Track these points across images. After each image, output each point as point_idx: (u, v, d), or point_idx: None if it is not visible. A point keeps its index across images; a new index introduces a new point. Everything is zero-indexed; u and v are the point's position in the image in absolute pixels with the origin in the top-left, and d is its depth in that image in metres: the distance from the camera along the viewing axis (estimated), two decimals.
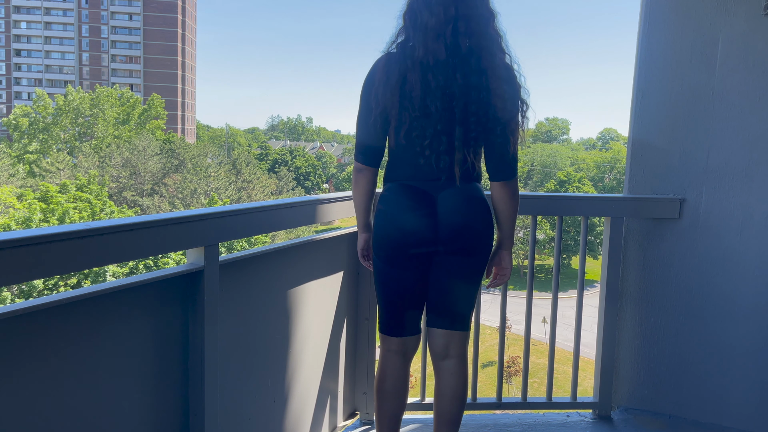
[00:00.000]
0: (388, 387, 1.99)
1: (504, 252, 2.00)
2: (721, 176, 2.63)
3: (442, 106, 1.76)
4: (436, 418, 2.02)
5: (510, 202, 1.90)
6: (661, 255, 2.73)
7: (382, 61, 1.82)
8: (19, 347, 1.28)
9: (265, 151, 65.86)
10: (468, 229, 1.87)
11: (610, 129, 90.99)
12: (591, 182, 46.75)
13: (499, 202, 1.91)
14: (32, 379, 1.31)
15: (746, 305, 2.62)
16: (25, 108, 52.97)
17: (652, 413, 2.78)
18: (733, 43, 2.57)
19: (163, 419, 1.68)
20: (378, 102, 1.80)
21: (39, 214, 18.88)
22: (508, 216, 1.93)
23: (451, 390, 1.97)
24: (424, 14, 1.77)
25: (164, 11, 78.31)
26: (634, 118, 2.75)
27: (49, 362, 1.35)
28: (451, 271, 1.91)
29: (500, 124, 1.79)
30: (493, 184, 1.91)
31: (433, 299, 1.96)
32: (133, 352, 1.57)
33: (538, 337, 22.18)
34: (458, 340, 1.96)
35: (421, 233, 1.85)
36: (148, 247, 1.54)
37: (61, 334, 1.37)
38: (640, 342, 2.78)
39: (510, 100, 1.79)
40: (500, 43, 1.82)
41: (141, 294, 1.57)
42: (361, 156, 1.91)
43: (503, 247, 2.00)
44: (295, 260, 2.18)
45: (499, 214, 1.94)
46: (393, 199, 1.88)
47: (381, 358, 2.03)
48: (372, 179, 1.96)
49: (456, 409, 1.98)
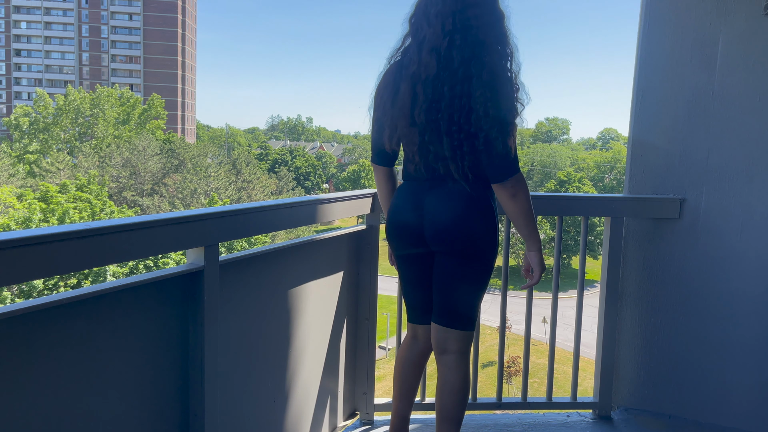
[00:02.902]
0: (397, 366, 2.19)
1: (529, 253, 1.98)
2: (721, 176, 2.63)
3: (427, 118, 1.81)
4: (437, 415, 2.04)
5: (510, 203, 1.88)
6: (661, 255, 2.73)
7: (385, 70, 1.94)
8: (19, 347, 1.28)
9: (265, 151, 65.90)
10: (455, 229, 1.88)
11: (610, 129, 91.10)
12: (591, 182, 46.74)
13: (501, 204, 1.92)
14: (32, 379, 1.31)
15: (746, 305, 2.62)
16: (26, 108, 52.98)
17: (652, 413, 2.78)
18: (733, 43, 2.57)
19: (163, 419, 1.68)
20: (376, 109, 1.95)
21: (39, 214, 18.88)
22: (513, 218, 1.92)
23: (448, 384, 1.98)
24: (423, 26, 1.81)
25: (164, 11, 78.32)
26: (634, 118, 2.75)
27: (49, 362, 1.35)
28: (447, 271, 1.94)
29: (483, 129, 1.77)
30: (492, 187, 1.91)
31: (435, 297, 2.02)
32: (133, 352, 1.57)
33: (538, 337, 22.19)
34: (456, 338, 1.97)
35: (409, 231, 1.95)
36: (148, 247, 1.54)
37: (61, 334, 1.37)
38: (640, 342, 2.78)
39: (493, 103, 1.75)
40: (498, 47, 1.79)
41: (141, 294, 1.57)
42: (372, 155, 2.08)
43: (527, 249, 1.98)
44: (295, 260, 2.18)
45: (507, 215, 1.99)
46: (395, 197, 2.03)
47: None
48: (386, 176, 2.10)
49: (452, 403, 1.98)
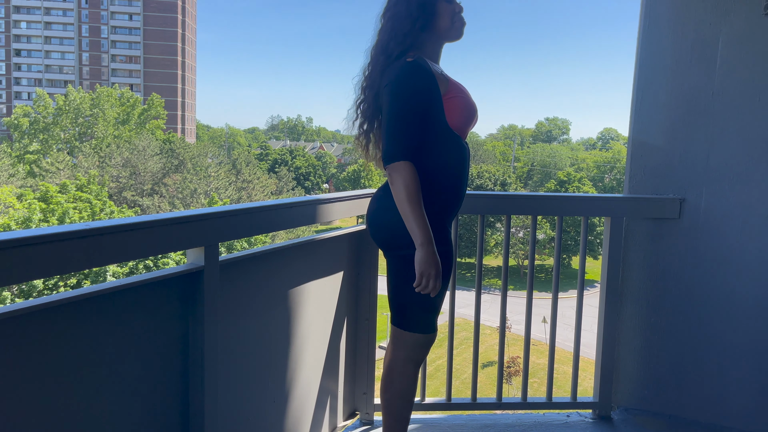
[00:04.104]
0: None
1: (416, 252, 1.73)
2: (721, 176, 2.63)
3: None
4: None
5: (393, 191, 1.75)
6: (661, 255, 2.73)
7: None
8: (19, 347, 1.28)
9: (265, 151, 65.87)
10: (373, 222, 1.96)
11: (610, 129, 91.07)
12: (591, 182, 46.73)
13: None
14: (32, 378, 1.31)
15: (746, 305, 2.62)
16: (26, 108, 52.97)
17: (652, 413, 2.78)
18: (733, 43, 2.57)
19: (163, 419, 1.68)
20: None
21: (39, 214, 18.87)
22: (398, 209, 1.76)
23: (382, 383, 2.06)
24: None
25: (164, 11, 78.32)
26: (634, 118, 2.75)
27: (50, 362, 1.35)
28: (387, 266, 1.98)
29: (378, 118, 1.93)
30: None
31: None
32: (133, 352, 1.57)
33: (538, 337, 22.17)
34: (393, 333, 1.99)
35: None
36: (148, 247, 1.54)
37: (61, 334, 1.37)
38: (640, 342, 2.78)
39: (374, 90, 1.88)
40: (392, 39, 1.86)
41: (141, 294, 1.57)
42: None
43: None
44: (295, 260, 2.18)
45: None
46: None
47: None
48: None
49: (381, 400, 2.03)
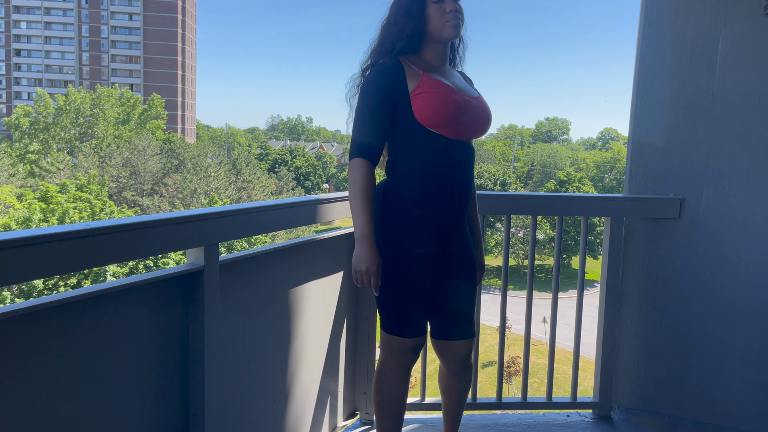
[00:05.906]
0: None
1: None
2: (721, 176, 2.63)
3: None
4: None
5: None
6: (661, 255, 2.73)
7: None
8: (19, 347, 1.28)
9: (265, 151, 65.80)
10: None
11: (610, 129, 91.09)
12: (591, 182, 46.72)
13: None
14: (32, 379, 1.31)
15: (746, 305, 2.62)
16: (26, 108, 52.95)
17: (652, 413, 2.78)
18: (733, 43, 2.57)
19: (163, 419, 1.68)
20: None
21: (39, 214, 18.84)
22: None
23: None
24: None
25: (164, 11, 78.31)
26: (634, 118, 2.75)
27: (49, 362, 1.35)
28: None
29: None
30: None
31: None
32: (133, 352, 1.57)
33: (538, 337, 22.16)
34: (380, 336, 1.98)
35: None
36: (148, 247, 1.54)
37: (61, 334, 1.37)
38: (640, 342, 2.78)
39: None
40: (381, 46, 1.90)
41: (141, 294, 1.58)
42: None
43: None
44: (295, 260, 2.18)
45: None
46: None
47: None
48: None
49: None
